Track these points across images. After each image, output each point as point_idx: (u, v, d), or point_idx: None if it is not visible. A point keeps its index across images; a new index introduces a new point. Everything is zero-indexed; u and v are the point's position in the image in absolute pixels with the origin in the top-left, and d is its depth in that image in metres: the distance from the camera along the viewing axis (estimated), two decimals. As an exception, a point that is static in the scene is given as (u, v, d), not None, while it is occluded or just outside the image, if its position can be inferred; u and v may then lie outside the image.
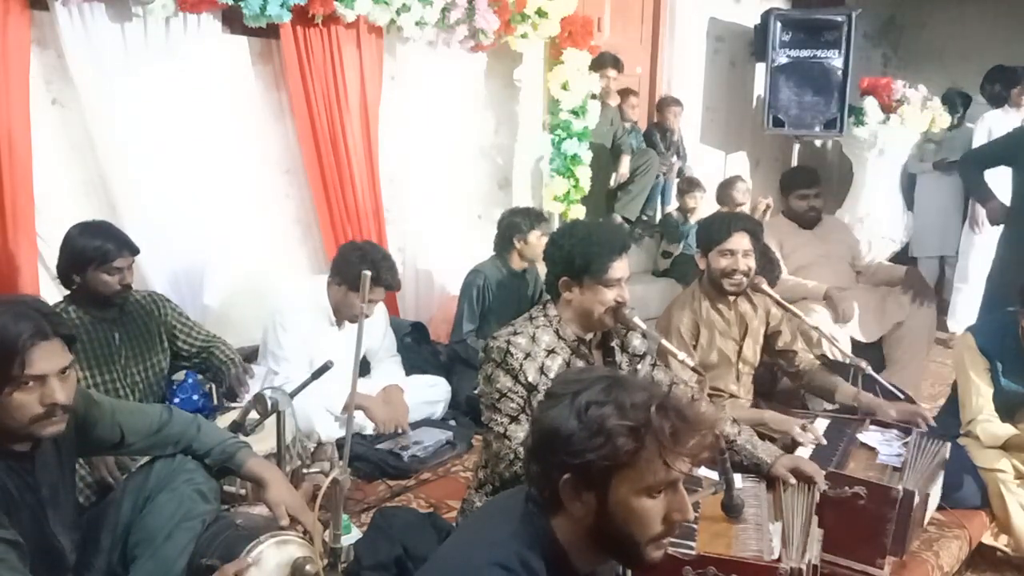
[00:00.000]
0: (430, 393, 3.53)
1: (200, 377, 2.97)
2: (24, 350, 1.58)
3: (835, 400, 2.89)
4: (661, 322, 2.93)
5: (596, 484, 1.26)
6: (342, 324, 3.26)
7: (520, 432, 2.07)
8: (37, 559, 1.70)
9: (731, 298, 2.85)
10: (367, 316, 3.08)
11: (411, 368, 3.65)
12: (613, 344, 2.30)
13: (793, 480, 2.20)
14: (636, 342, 2.33)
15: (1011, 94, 5.34)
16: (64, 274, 2.66)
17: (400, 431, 3.23)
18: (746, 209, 5.33)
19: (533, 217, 3.90)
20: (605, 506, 1.26)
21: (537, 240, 3.82)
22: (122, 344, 2.74)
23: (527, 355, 2.11)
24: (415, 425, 3.36)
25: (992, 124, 5.34)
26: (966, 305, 5.17)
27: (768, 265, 3.40)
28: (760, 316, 2.94)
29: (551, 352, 2.15)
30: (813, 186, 4.00)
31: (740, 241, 2.76)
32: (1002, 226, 4.07)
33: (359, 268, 2.98)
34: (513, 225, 3.90)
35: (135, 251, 2.72)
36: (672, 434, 1.24)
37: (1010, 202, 4.02)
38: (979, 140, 5.32)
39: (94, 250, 2.60)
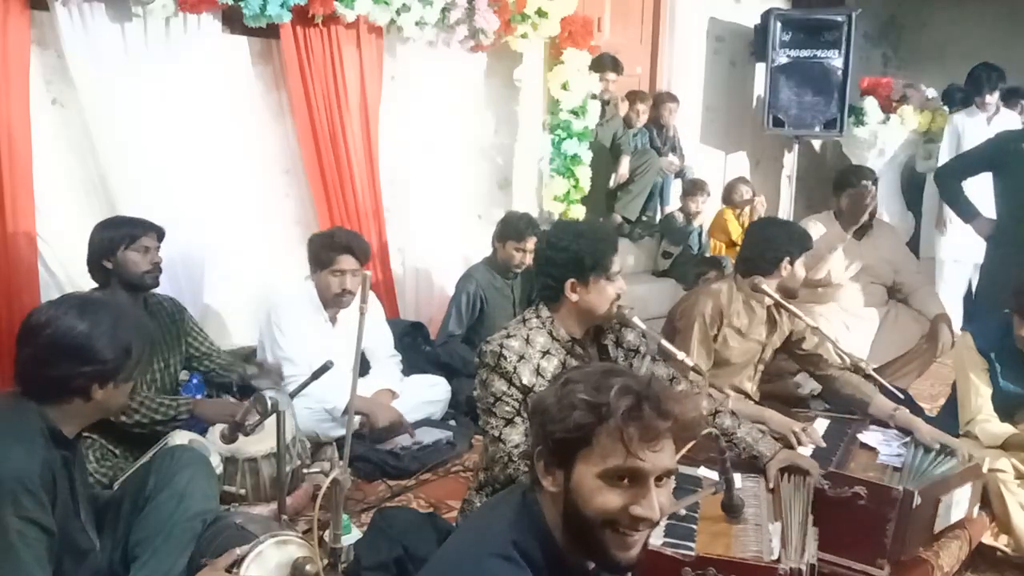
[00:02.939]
0: (430, 393, 3.53)
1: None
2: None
3: (868, 412, 2.79)
4: (682, 306, 2.90)
5: (562, 461, 1.26)
6: (336, 320, 3.27)
7: (515, 435, 2.07)
8: (69, 553, 1.72)
9: (768, 300, 2.85)
10: (352, 294, 3.16)
11: (411, 368, 3.64)
12: (606, 341, 2.31)
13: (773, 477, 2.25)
14: (631, 337, 2.34)
15: (979, 95, 5.29)
16: (95, 263, 2.71)
17: (404, 430, 3.20)
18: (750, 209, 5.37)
19: (516, 228, 3.85)
20: (570, 487, 1.26)
21: (511, 250, 3.84)
22: None
23: (521, 358, 2.12)
24: (415, 426, 3.36)
25: (959, 124, 5.35)
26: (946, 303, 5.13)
27: None
28: (787, 318, 2.91)
29: (546, 353, 2.15)
30: (867, 177, 3.68)
31: None
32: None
33: (319, 244, 3.15)
34: (497, 229, 3.93)
35: (161, 232, 2.81)
36: (629, 414, 1.22)
37: (996, 213, 3.92)
38: (949, 141, 5.35)
39: (122, 231, 2.70)
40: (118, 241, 2.69)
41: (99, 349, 1.70)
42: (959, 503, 2.46)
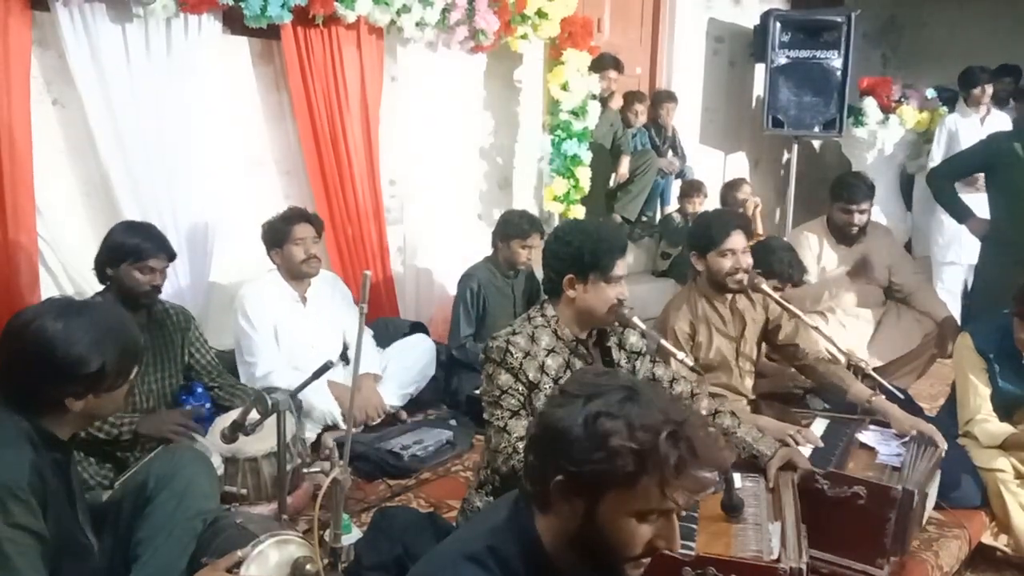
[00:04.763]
0: (414, 353, 3.59)
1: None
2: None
3: (847, 399, 2.82)
4: (658, 324, 2.93)
5: (587, 494, 1.22)
6: (306, 300, 3.32)
7: (520, 427, 2.08)
8: (68, 555, 1.71)
9: (728, 296, 2.85)
10: (318, 260, 3.26)
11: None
12: (610, 343, 2.31)
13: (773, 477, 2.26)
14: (633, 339, 2.34)
15: (971, 95, 5.32)
16: (99, 268, 2.70)
17: (373, 422, 3.26)
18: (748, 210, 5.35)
19: (520, 226, 3.84)
20: (592, 517, 1.23)
21: (517, 248, 3.83)
22: (145, 349, 2.72)
23: (526, 354, 2.13)
24: (419, 423, 3.39)
25: (951, 125, 5.37)
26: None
27: (799, 265, 3.37)
28: (759, 311, 2.93)
29: (551, 351, 2.16)
30: (859, 201, 3.60)
31: (738, 240, 2.76)
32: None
33: (272, 225, 3.25)
34: (498, 228, 3.92)
35: (172, 255, 2.76)
36: (677, 467, 1.19)
37: (989, 212, 3.93)
38: (940, 142, 5.38)
39: (132, 246, 2.66)
40: (124, 255, 2.65)
41: (69, 366, 1.62)
42: (932, 492, 2.50)
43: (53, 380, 1.64)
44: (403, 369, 3.50)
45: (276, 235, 3.26)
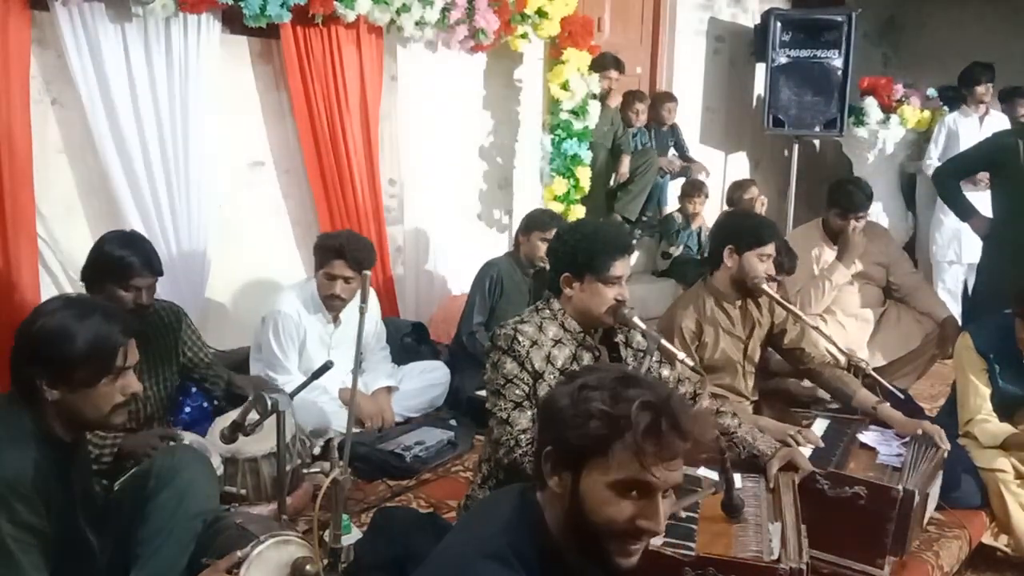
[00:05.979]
0: (429, 377, 3.58)
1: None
2: (125, 343, 1.74)
3: (852, 405, 2.81)
4: (663, 321, 2.92)
5: (572, 465, 1.26)
6: (338, 320, 3.29)
7: (523, 419, 2.08)
8: (69, 555, 1.71)
9: (739, 298, 2.85)
10: (343, 300, 3.19)
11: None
12: (617, 340, 2.31)
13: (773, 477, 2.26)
14: (640, 337, 2.34)
15: (974, 92, 5.31)
16: (87, 281, 2.64)
17: (383, 429, 3.27)
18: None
19: (540, 219, 3.85)
20: (577, 491, 1.26)
21: (536, 241, 3.81)
22: (140, 354, 2.69)
23: (533, 343, 2.13)
24: (420, 423, 3.40)
25: (951, 125, 5.37)
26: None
27: (790, 253, 3.36)
28: (765, 315, 2.92)
29: (558, 342, 2.16)
30: (857, 210, 3.55)
31: (772, 247, 2.81)
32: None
33: (318, 244, 3.19)
34: (522, 223, 3.92)
35: (158, 272, 2.66)
36: (648, 432, 1.21)
37: (992, 211, 3.94)
38: (938, 141, 5.39)
39: (116, 263, 2.57)
40: (109, 271, 2.57)
41: (37, 338, 1.65)
42: (934, 493, 2.50)
43: (23, 355, 1.66)
44: (414, 392, 3.50)
45: (316, 256, 3.22)
